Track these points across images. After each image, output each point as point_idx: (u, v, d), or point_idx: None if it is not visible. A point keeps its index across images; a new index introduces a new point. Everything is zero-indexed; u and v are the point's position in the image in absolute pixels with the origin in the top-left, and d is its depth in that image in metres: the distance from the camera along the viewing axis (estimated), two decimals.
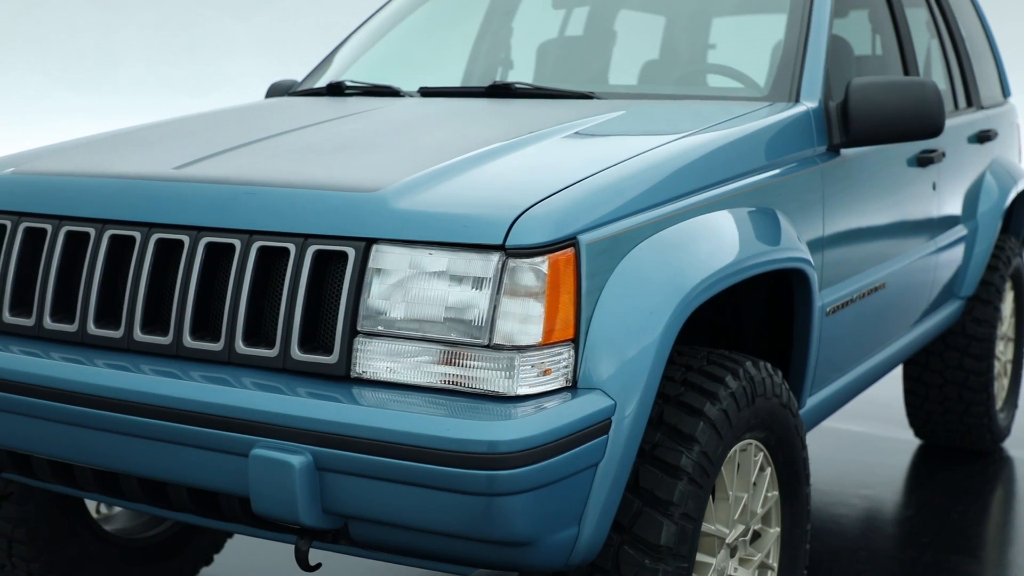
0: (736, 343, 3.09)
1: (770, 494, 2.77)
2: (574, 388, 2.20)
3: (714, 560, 2.57)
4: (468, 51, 4.47)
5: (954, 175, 4.37)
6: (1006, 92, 5.48)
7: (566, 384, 2.20)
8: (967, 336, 4.80)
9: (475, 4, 4.52)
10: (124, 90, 15.36)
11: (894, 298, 3.80)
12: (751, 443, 2.66)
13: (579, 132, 2.85)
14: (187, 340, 2.36)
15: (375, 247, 2.24)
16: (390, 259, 2.23)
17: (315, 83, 3.96)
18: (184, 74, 15.68)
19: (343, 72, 3.98)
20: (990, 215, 4.74)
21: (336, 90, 3.73)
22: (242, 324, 2.32)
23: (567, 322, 2.20)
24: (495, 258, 2.17)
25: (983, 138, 4.77)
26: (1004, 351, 5.23)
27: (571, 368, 2.21)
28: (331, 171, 2.52)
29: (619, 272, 2.30)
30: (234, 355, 2.32)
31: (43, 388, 2.39)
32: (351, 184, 2.36)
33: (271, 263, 2.34)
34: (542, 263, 2.17)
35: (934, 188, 4.11)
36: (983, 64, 5.18)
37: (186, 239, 2.40)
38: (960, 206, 4.50)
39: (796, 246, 2.87)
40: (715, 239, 2.56)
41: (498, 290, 2.16)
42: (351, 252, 2.24)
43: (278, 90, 4.13)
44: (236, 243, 2.35)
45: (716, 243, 2.56)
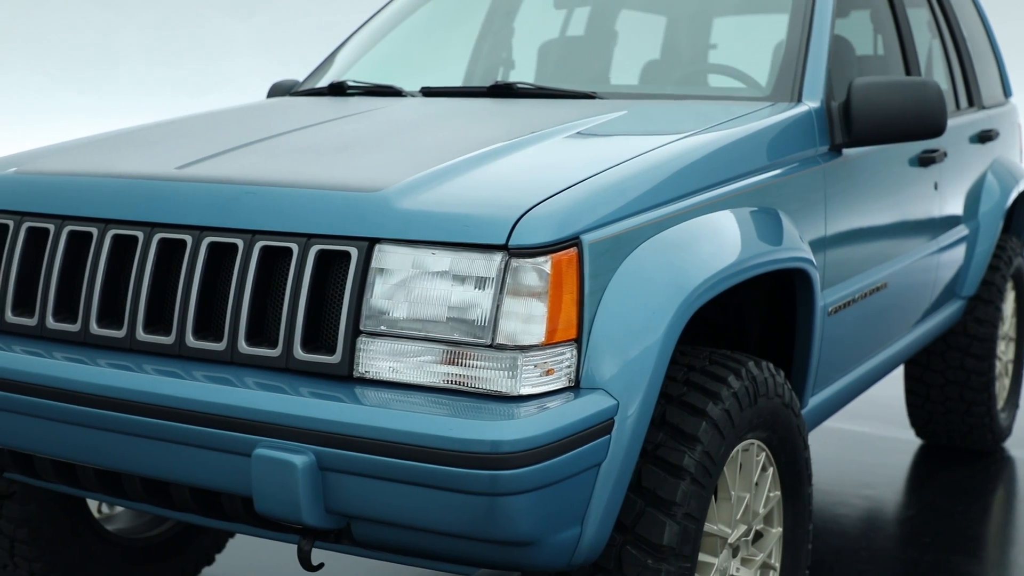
0: (738, 343, 3.09)
1: (772, 494, 2.77)
2: (577, 388, 2.20)
3: (716, 560, 2.57)
4: (469, 51, 4.46)
5: (956, 175, 4.37)
6: (1007, 92, 5.48)
7: (569, 384, 2.20)
8: (968, 336, 4.80)
9: (476, 4, 4.52)
10: (124, 90, 15.36)
11: (896, 298, 3.80)
12: (753, 443, 2.66)
13: (581, 132, 2.85)
14: (190, 340, 2.36)
15: (378, 247, 2.24)
16: (393, 259, 2.23)
17: (317, 83, 3.96)
18: (184, 74, 15.68)
19: (345, 72, 3.98)
20: (991, 215, 4.74)
21: (338, 90, 3.73)
22: (245, 324, 2.31)
23: (570, 322, 2.20)
24: (498, 258, 2.16)
25: (984, 138, 4.77)
26: (1005, 351, 5.23)
27: (574, 368, 2.20)
28: (334, 171, 2.52)
29: (622, 272, 2.30)
30: (237, 355, 2.32)
31: (45, 388, 2.39)
32: (354, 184, 2.36)
33: (274, 263, 2.34)
34: (545, 263, 2.17)
35: (936, 188, 4.11)
36: (984, 64, 5.18)
37: (189, 239, 2.40)
38: (961, 206, 4.49)
39: (798, 246, 2.87)
40: (718, 239, 2.56)
41: (501, 290, 2.16)
42: (354, 252, 2.24)
43: (280, 90, 4.13)
44: (239, 243, 2.35)
45: (718, 243, 2.56)
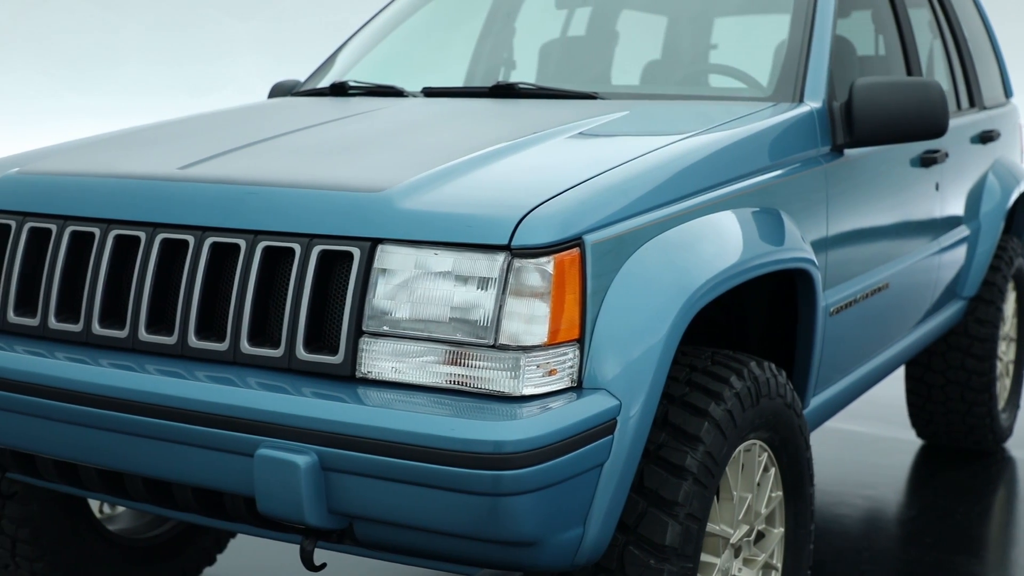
0: (739, 343, 3.08)
1: (774, 494, 2.77)
2: (579, 388, 2.20)
3: (718, 560, 2.57)
4: (470, 51, 4.46)
5: (957, 175, 4.37)
6: (1008, 92, 5.48)
7: (571, 384, 2.20)
8: (969, 336, 4.80)
9: (477, 4, 4.52)
10: (125, 90, 15.36)
11: (897, 298, 3.80)
12: (755, 443, 2.66)
13: (583, 132, 2.85)
14: (192, 340, 2.36)
15: (380, 247, 2.24)
16: (395, 259, 2.23)
17: (318, 83, 3.96)
18: (185, 74, 15.69)
19: (346, 72, 3.98)
20: (992, 215, 4.74)
21: (339, 90, 3.73)
22: (247, 324, 2.32)
23: (572, 322, 2.20)
24: (500, 258, 2.16)
25: (986, 138, 4.77)
26: (1006, 351, 5.23)
27: (576, 368, 2.20)
28: (336, 171, 2.52)
29: (624, 272, 2.30)
30: (239, 355, 2.32)
31: (48, 388, 2.39)
32: (356, 184, 2.36)
33: (276, 263, 2.34)
34: (547, 263, 2.17)
35: (937, 188, 4.11)
36: (985, 64, 5.18)
37: (191, 239, 2.40)
38: (963, 206, 4.49)
39: (800, 246, 2.87)
40: (720, 239, 2.56)
41: (503, 290, 2.16)
42: (356, 252, 2.24)
43: (281, 90, 4.13)
44: (241, 243, 2.35)
45: (721, 243, 2.56)
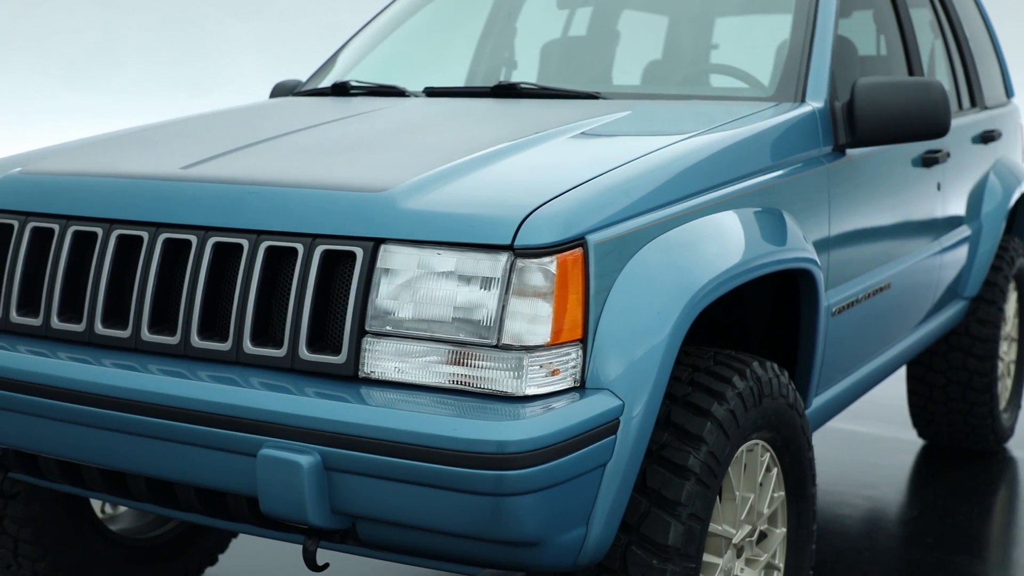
0: (742, 343, 3.08)
1: (776, 494, 2.77)
2: (582, 388, 2.20)
3: (721, 560, 2.57)
4: (472, 51, 4.46)
5: (958, 175, 4.37)
6: (1009, 92, 5.48)
7: (574, 384, 2.20)
8: (971, 336, 4.80)
9: (478, 4, 4.52)
10: (125, 90, 15.37)
11: (899, 298, 3.80)
12: (758, 443, 2.66)
13: (586, 132, 2.85)
14: (195, 340, 2.36)
15: (383, 247, 2.24)
16: (398, 259, 2.23)
17: (320, 83, 3.96)
18: (185, 74, 15.69)
19: (347, 72, 3.98)
20: (994, 215, 4.74)
21: (341, 90, 3.73)
22: (250, 324, 2.31)
23: (575, 322, 2.20)
24: (503, 258, 2.16)
25: (987, 138, 4.77)
26: (1007, 351, 5.23)
27: (579, 368, 2.20)
28: (339, 171, 2.52)
29: (627, 272, 2.30)
30: (242, 355, 2.32)
31: (50, 388, 2.39)
32: (359, 184, 2.36)
33: (279, 263, 2.34)
34: (550, 263, 2.17)
35: (939, 188, 4.11)
36: (987, 64, 5.18)
37: (194, 239, 2.40)
38: (964, 206, 4.49)
39: (802, 246, 2.87)
40: (722, 239, 2.56)
41: (506, 290, 2.16)
42: (359, 252, 2.24)
43: (282, 90, 4.13)
44: (244, 243, 2.35)
45: (723, 243, 2.56)
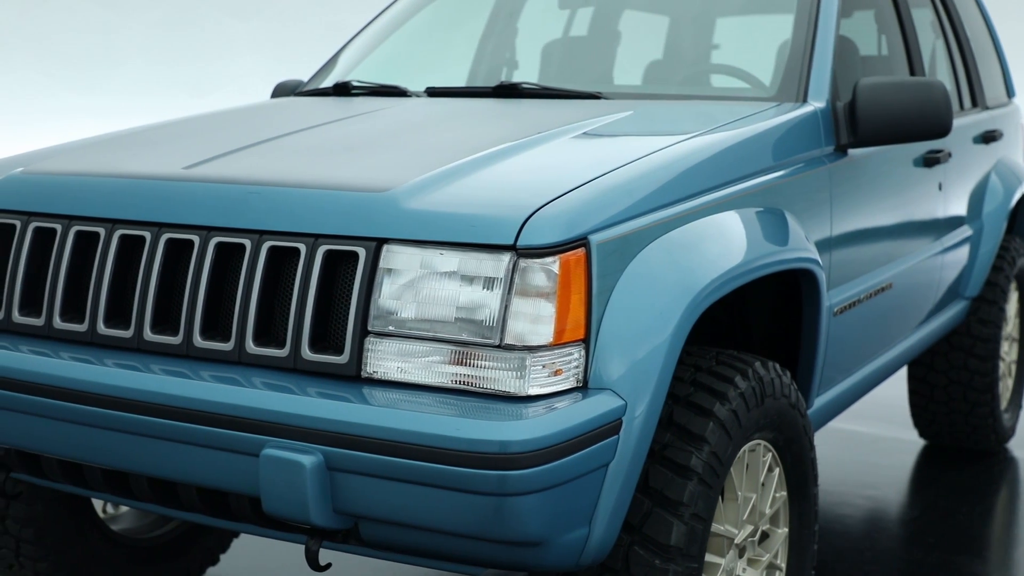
0: (744, 343, 3.08)
1: (778, 494, 2.77)
2: (585, 388, 2.20)
3: (723, 560, 2.57)
4: (473, 51, 4.46)
5: (960, 175, 4.37)
6: (1010, 92, 5.48)
7: (577, 384, 2.20)
8: (972, 337, 4.80)
9: (480, 4, 4.52)
10: (125, 90, 15.37)
11: (900, 299, 3.80)
12: (760, 443, 2.66)
13: (588, 132, 2.85)
14: (197, 340, 2.36)
15: (386, 247, 2.24)
16: (401, 259, 2.23)
17: (321, 83, 3.96)
18: (185, 74, 15.69)
19: (349, 72, 3.98)
20: (995, 216, 4.74)
21: (343, 90, 3.73)
22: (252, 324, 2.31)
23: (578, 322, 2.20)
24: (506, 258, 2.16)
25: (988, 138, 4.77)
26: (1009, 352, 5.23)
27: (582, 368, 2.20)
28: (341, 171, 2.51)
29: (629, 272, 2.30)
30: (244, 355, 2.32)
31: (53, 388, 2.39)
32: (361, 184, 2.36)
33: (281, 263, 2.33)
34: (553, 263, 2.16)
35: (940, 188, 4.11)
36: (988, 64, 5.18)
37: (196, 239, 2.40)
38: (965, 206, 4.49)
39: (805, 246, 2.87)
40: (724, 239, 2.56)
41: (509, 290, 2.16)
42: (362, 252, 2.24)
43: (284, 90, 4.13)
44: (246, 243, 2.35)
45: (725, 243, 2.56)
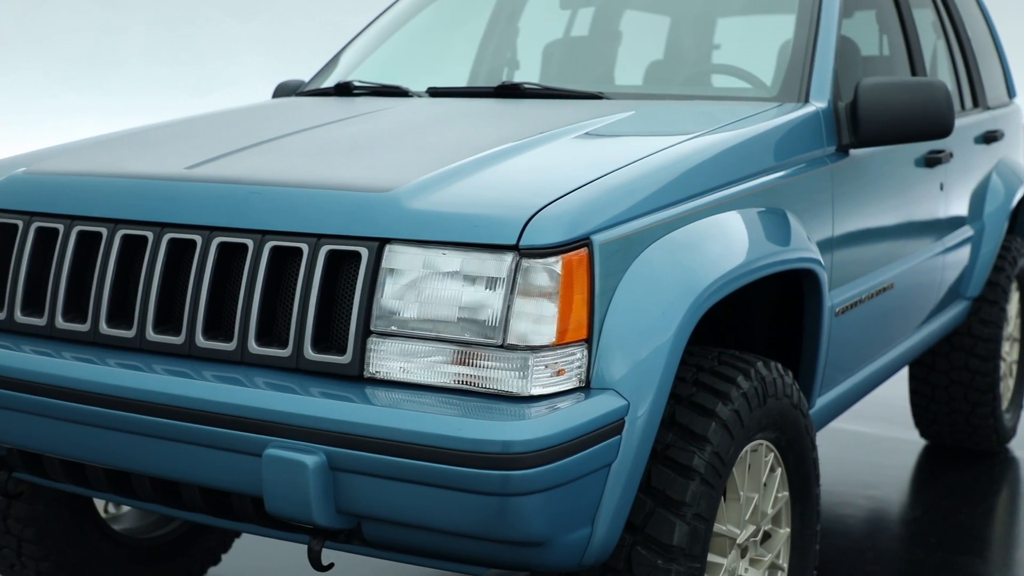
0: (745, 343, 3.08)
1: (780, 495, 2.77)
2: (587, 388, 2.20)
3: (725, 560, 2.57)
4: (474, 52, 4.46)
5: (961, 176, 4.37)
6: (1011, 93, 5.48)
7: (579, 384, 2.20)
8: (973, 337, 4.80)
9: (481, 4, 4.52)
10: (126, 90, 15.36)
11: (902, 299, 3.80)
12: (762, 443, 2.65)
13: (590, 132, 2.85)
14: (199, 340, 2.36)
15: (388, 247, 2.24)
16: (403, 259, 2.23)
17: (322, 83, 3.96)
18: (186, 74, 15.69)
19: (350, 72, 3.97)
20: (996, 216, 4.74)
21: (344, 90, 3.72)
22: (255, 324, 2.31)
23: (580, 322, 2.20)
24: (509, 258, 2.16)
25: (989, 139, 4.77)
26: (1010, 352, 5.23)
27: (584, 368, 2.20)
28: (343, 171, 2.51)
29: (632, 272, 2.30)
30: (247, 355, 2.32)
31: (55, 388, 2.39)
32: (364, 184, 2.36)
33: (284, 263, 2.33)
34: (556, 263, 2.17)
35: (941, 189, 4.11)
36: (989, 65, 5.19)
37: (198, 239, 2.40)
38: (967, 207, 4.50)
39: (807, 246, 2.87)
40: (727, 239, 2.56)
41: (512, 290, 2.16)
42: (364, 252, 2.24)
43: (285, 90, 4.13)
44: (249, 243, 2.35)
45: (728, 244, 2.56)
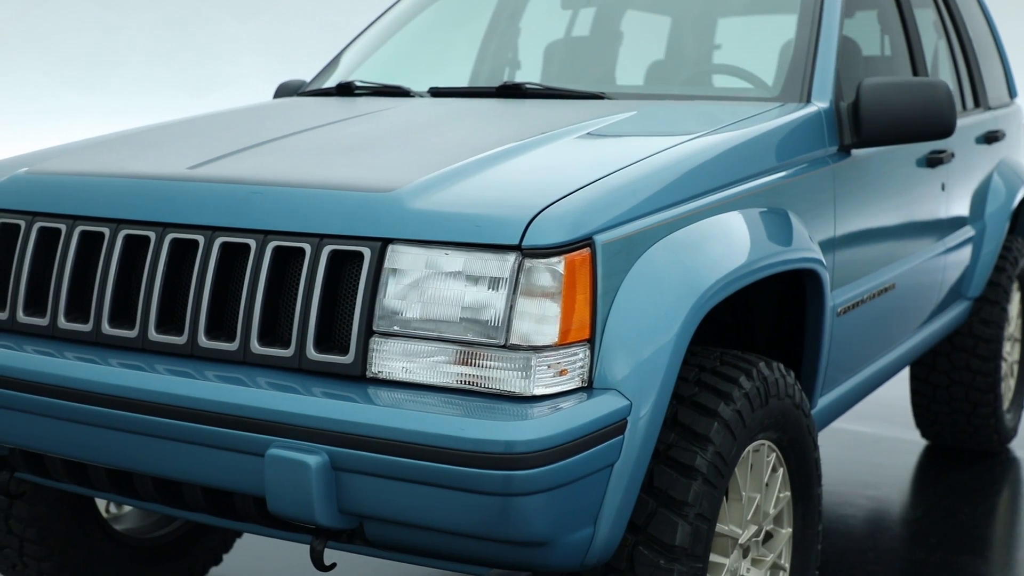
0: (747, 343, 3.08)
1: (782, 495, 2.77)
2: (590, 388, 2.20)
3: (727, 561, 2.57)
4: (475, 52, 4.46)
5: (962, 176, 4.37)
6: (1012, 93, 5.48)
7: (582, 384, 2.20)
8: (974, 337, 4.80)
9: (482, 4, 4.52)
10: (126, 90, 15.35)
11: (903, 299, 3.80)
12: (764, 444, 2.66)
13: (592, 132, 2.85)
14: (202, 340, 2.36)
15: (391, 247, 2.24)
16: (406, 259, 2.23)
17: (324, 83, 3.95)
18: (185, 74, 15.68)
19: (351, 72, 3.97)
20: (998, 216, 4.74)
21: (346, 90, 3.72)
22: (257, 324, 2.31)
23: (583, 322, 2.20)
24: (511, 258, 2.16)
25: (991, 139, 4.77)
26: (1011, 352, 5.23)
27: (587, 368, 2.20)
28: (346, 171, 2.51)
29: (634, 272, 2.30)
30: (249, 355, 2.32)
31: (57, 388, 2.39)
32: (366, 184, 2.36)
33: (286, 263, 2.34)
34: (558, 263, 2.17)
35: (943, 189, 4.11)
36: (990, 65, 5.19)
37: (201, 239, 2.40)
38: (968, 207, 4.50)
39: (809, 246, 2.87)
40: (729, 240, 2.56)
41: (514, 290, 2.16)
42: (367, 252, 2.24)
43: (287, 90, 4.13)
44: (251, 243, 2.35)
45: (730, 244, 2.56)
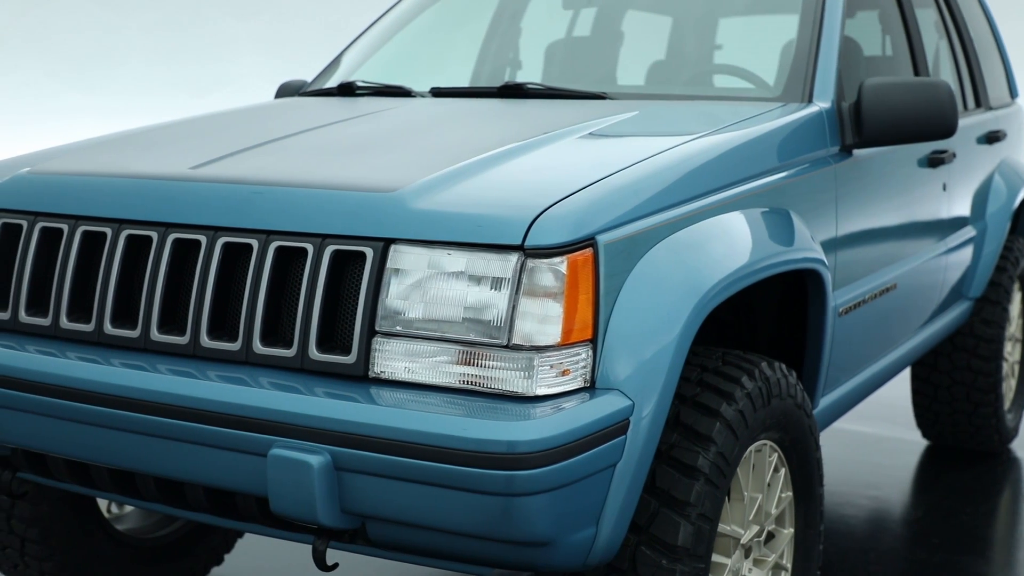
0: (749, 343, 3.08)
1: (784, 495, 2.77)
2: (592, 388, 2.20)
3: (729, 561, 2.57)
4: (476, 52, 4.46)
5: (964, 176, 4.37)
6: (1013, 93, 5.48)
7: (584, 384, 2.20)
8: (975, 337, 4.80)
9: (483, 5, 4.52)
10: (126, 90, 15.35)
11: (905, 299, 3.80)
12: (766, 444, 2.66)
13: (594, 133, 2.85)
14: (204, 340, 2.36)
15: (393, 247, 2.24)
16: (408, 259, 2.23)
17: (325, 83, 3.95)
18: (185, 74, 15.68)
19: (353, 72, 3.97)
20: (999, 216, 4.74)
21: (347, 90, 3.73)
22: (259, 324, 2.31)
23: (585, 322, 2.20)
24: (514, 258, 2.16)
25: (992, 139, 4.77)
26: (1012, 352, 5.23)
27: (589, 368, 2.20)
28: (348, 171, 2.52)
29: (636, 273, 2.30)
30: (251, 355, 2.32)
31: (59, 388, 2.39)
32: (368, 184, 2.36)
33: (288, 263, 2.34)
34: (561, 263, 2.17)
35: (944, 189, 4.11)
36: (991, 65, 5.19)
37: (203, 239, 2.40)
38: (969, 207, 4.50)
39: (810, 246, 2.87)
40: (731, 240, 2.56)
41: (517, 290, 2.16)
42: (369, 252, 2.24)
43: (288, 90, 4.13)
44: (253, 243, 2.35)
45: (732, 244, 2.56)
